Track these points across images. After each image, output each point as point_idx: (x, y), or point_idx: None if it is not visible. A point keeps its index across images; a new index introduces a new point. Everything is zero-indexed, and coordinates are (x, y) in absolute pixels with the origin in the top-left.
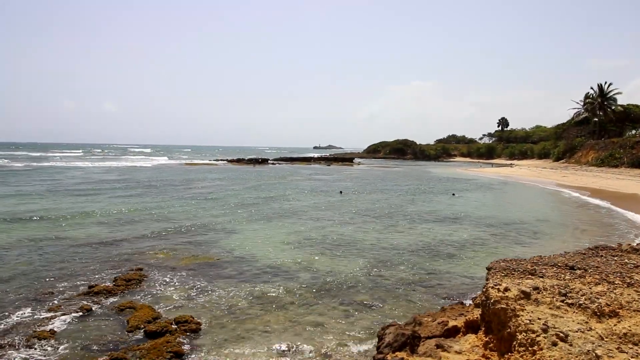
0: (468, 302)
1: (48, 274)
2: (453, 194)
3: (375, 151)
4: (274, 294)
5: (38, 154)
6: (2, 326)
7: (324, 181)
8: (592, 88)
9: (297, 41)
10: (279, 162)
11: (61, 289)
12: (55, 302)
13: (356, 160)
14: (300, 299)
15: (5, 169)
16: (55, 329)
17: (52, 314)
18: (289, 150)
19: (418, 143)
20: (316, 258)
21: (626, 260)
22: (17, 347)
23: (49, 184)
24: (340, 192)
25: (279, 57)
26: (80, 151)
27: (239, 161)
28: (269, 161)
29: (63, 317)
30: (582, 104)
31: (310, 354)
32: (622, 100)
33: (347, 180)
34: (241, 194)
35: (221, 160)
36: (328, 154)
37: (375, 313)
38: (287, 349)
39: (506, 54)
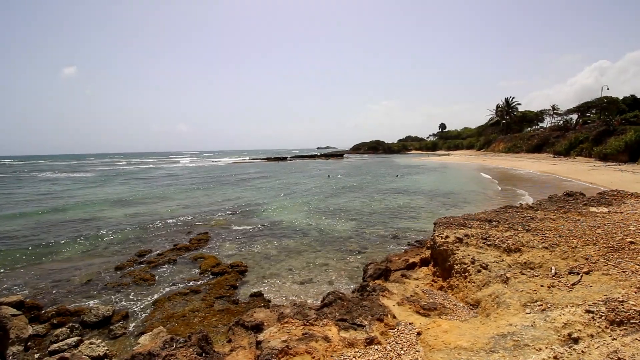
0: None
1: (146, 238)
2: (397, 176)
3: (358, 149)
4: (294, 245)
5: (140, 160)
6: (119, 274)
7: (324, 170)
8: (501, 100)
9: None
10: (294, 159)
11: (155, 247)
12: (153, 255)
13: (345, 155)
14: (312, 247)
15: (133, 169)
16: (153, 274)
17: (151, 264)
18: (300, 151)
19: (386, 142)
20: (321, 220)
21: (525, 214)
22: (129, 286)
23: (147, 177)
24: (328, 176)
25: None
26: (170, 157)
27: (268, 159)
28: (287, 158)
29: (158, 266)
30: (495, 111)
31: (320, 283)
32: (521, 108)
33: (339, 169)
34: (269, 180)
35: (257, 159)
36: (327, 152)
37: (361, 256)
38: (304, 280)
39: (444, 78)
